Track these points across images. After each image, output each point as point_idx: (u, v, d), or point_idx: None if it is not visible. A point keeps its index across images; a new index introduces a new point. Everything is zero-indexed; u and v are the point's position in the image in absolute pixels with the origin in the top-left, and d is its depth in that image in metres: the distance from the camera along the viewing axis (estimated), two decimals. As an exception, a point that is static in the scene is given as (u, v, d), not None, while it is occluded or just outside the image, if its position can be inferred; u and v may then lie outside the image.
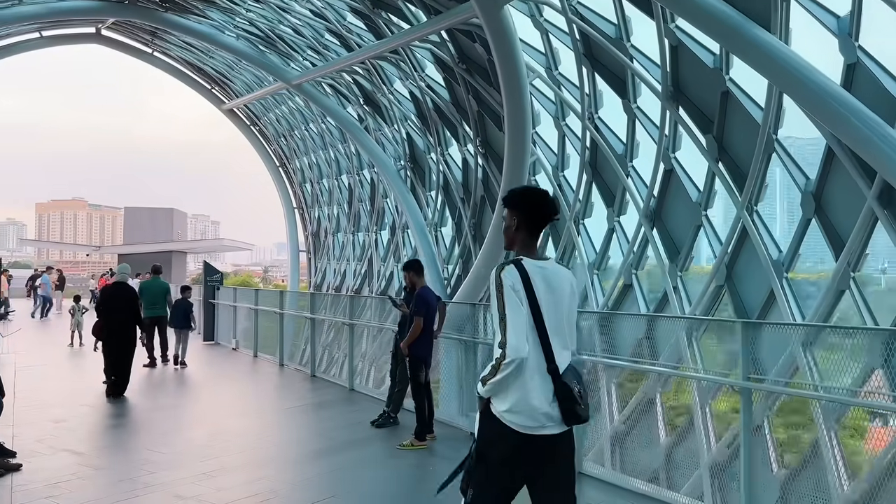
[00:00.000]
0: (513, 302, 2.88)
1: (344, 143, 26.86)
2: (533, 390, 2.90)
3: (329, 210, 30.53)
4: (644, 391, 12.25)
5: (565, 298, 3.01)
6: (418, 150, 21.83)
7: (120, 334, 10.06)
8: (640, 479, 6.86)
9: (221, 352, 16.36)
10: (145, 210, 71.57)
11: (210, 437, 7.94)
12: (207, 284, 18.39)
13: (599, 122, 13.93)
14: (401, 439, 7.60)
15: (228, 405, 10.44)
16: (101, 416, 9.47)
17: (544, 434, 2.91)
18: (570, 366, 2.99)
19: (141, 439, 7.99)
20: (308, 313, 13.84)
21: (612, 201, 14.10)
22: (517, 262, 2.98)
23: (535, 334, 2.91)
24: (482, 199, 18.68)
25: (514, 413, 2.90)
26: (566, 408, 2.91)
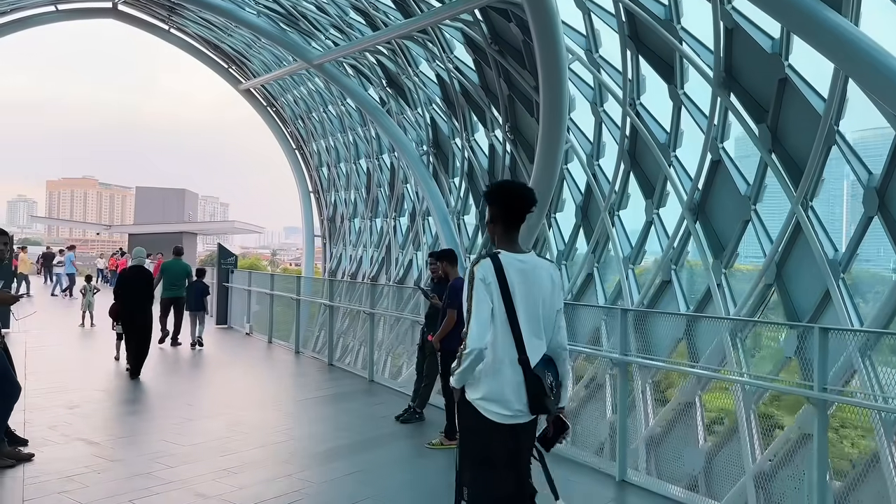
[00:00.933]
0: (479, 294, 2.95)
1: (364, 127, 26.30)
2: (505, 381, 2.98)
3: (346, 195, 30.03)
4: (683, 393, 11.72)
5: (543, 291, 3.05)
6: (442, 135, 21.23)
7: (138, 318, 10.09)
8: (678, 485, 6.46)
9: (235, 336, 15.96)
10: (156, 190, 71.25)
11: (228, 429, 7.54)
12: (221, 267, 17.96)
13: (641, 109, 13.30)
14: (428, 437, 7.24)
15: (246, 394, 10.04)
16: (116, 402, 9.08)
17: (515, 423, 3.00)
18: (545, 357, 3.05)
19: (157, 429, 7.58)
20: (326, 300, 13.39)
21: (651, 192, 13.49)
22: (493, 256, 3.03)
23: (508, 326, 2.97)
24: (509, 188, 18.06)
25: (487, 401, 2.99)
26: (534, 399, 2.98)
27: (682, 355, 10.82)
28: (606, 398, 13.78)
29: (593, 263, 14.92)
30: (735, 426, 10.64)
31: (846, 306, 9.84)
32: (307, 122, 31.22)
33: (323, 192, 32.21)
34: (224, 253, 18.50)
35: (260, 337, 15.35)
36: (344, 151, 29.24)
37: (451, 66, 18.23)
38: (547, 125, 13.51)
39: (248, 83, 31.67)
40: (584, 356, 13.63)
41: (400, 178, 24.66)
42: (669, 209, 13.13)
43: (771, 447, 9.93)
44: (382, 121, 21.83)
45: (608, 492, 6.01)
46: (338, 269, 29.94)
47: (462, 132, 19.50)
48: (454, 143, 20.65)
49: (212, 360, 12.85)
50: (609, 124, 14.33)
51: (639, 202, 13.85)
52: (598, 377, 13.77)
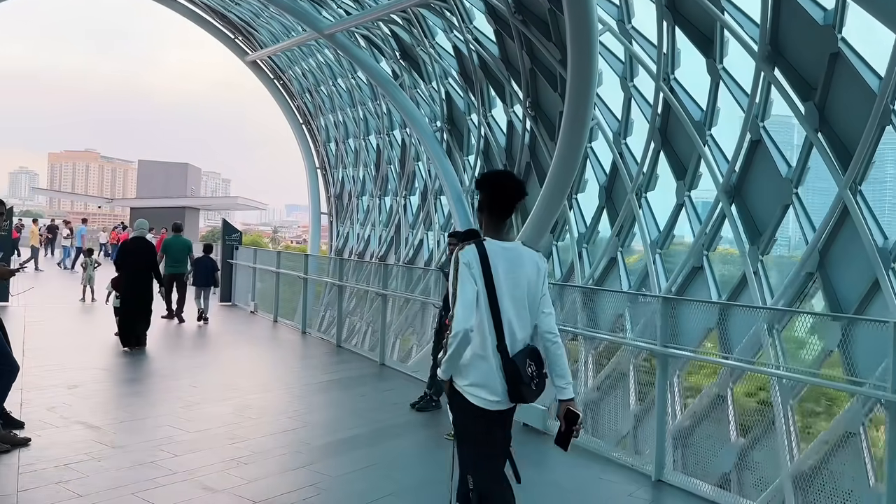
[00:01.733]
0: (464, 279, 3.00)
1: (374, 101, 25.61)
2: (489, 367, 3.04)
3: (354, 172, 29.41)
4: (714, 386, 11.21)
5: (528, 279, 3.09)
6: (457, 110, 20.56)
7: (139, 288, 10.13)
8: (707, 482, 6.15)
9: (239, 315, 15.59)
10: (159, 164, 70.48)
11: (236, 414, 7.14)
12: (226, 243, 17.57)
13: (675, 84, 12.64)
14: (446, 427, 6.80)
15: (253, 375, 9.64)
16: (118, 381, 8.69)
17: (499, 410, 3.08)
18: (530, 346, 3.10)
19: (161, 413, 7.16)
20: (335, 280, 12.94)
21: (682, 173, 12.87)
22: (478, 242, 3.07)
23: (489, 313, 3.02)
24: (527, 167, 17.46)
25: (475, 386, 3.06)
26: (512, 386, 3.03)
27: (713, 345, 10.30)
28: (630, 389, 13.33)
29: (617, 247, 14.33)
30: (772, 422, 10.13)
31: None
32: (315, 95, 30.51)
33: (330, 168, 31.59)
34: (228, 229, 18.11)
35: (265, 315, 15.00)
36: (353, 127, 28.57)
37: (471, 37, 17.51)
38: (573, 101, 12.84)
39: (255, 54, 30.93)
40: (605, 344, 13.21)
41: (411, 156, 24.02)
42: (702, 191, 12.52)
43: (812, 446, 9.42)
44: (395, 95, 21.14)
45: (644, 493, 5.64)
46: (344, 248, 29.41)
47: (479, 108, 18.83)
48: (470, 120, 19.99)
49: (217, 338, 12.51)
50: (639, 100, 13.68)
51: (668, 183, 13.24)
52: (620, 366, 13.34)
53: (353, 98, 27.33)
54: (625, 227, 14.19)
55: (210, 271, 13.58)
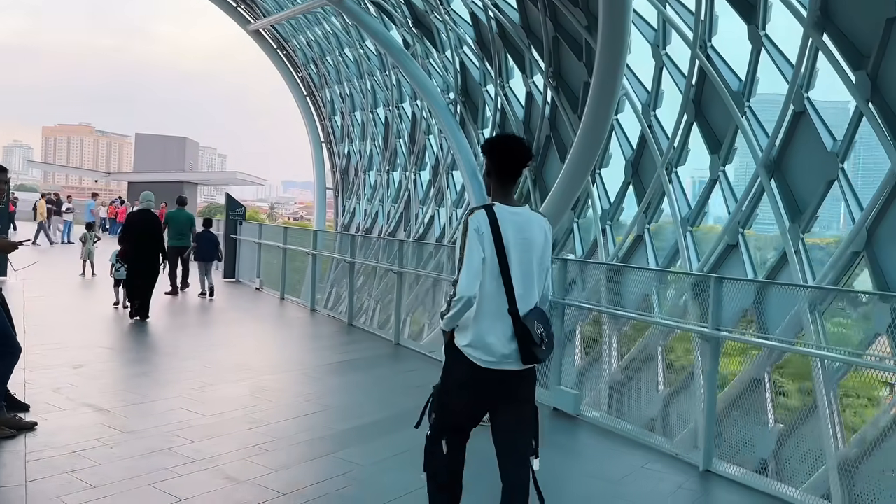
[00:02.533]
0: (472, 244, 3.02)
1: (384, 72, 24.94)
2: (491, 329, 3.08)
3: (361, 146, 28.80)
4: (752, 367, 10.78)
5: (536, 244, 3.14)
6: (472, 81, 19.93)
7: (146, 261, 10.23)
8: (745, 468, 5.75)
9: (245, 291, 15.15)
10: (157, 137, 69.99)
11: (252, 396, 6.73)
12: (229, 218, 17.08)
13: (712, 52, 12.05)
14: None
15: (265, 355, 9.26)
16: (125, 361, 8.27)
17: (503, 369, 3.11)
18: (536, 308, 3.16)
19: (173, 394, 6.74)
20: (346, 256, 12.48)
21: (717, 147, 12.33)
22: (488, 207, 3.10)
23: (500, 277, 3.06)
24: (547, 140, 16.90)
25: (473, 348, 3.11)
26: (524, 348, 3.08)
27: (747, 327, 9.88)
28: (658, 371, 12.92)
29: (644, 224, 13.84)
30: (813, 406, 9.73)
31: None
32: (320, 66, 29.80)
33: (336, 142, 30.97)
34: (232, 203, 17.60)
35: (270, 293, 14.63)
36: (360, 99, 27.91)
37: (490, 3, 16.84)
38: (602, 70, 12.27)
39: (258, 23, 30.19)
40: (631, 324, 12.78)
41: (422, 129, 23.41)
42: (738, 166, 12.00)
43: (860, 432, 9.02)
44: (407, 65, 20.46)
45: (693, 484, 5.25)
46: (351, 224, 28.91)
47: (496, 78, 18.21)
48: (485, 91, 19.37)
49: (224, 316, 12.16)
50: (671, 69, 13.09)
51: (700, 157, 12.72)
52: (648, 347, 12.92)
53: (360, 69, 26.65)
54: (653, 204, 13.67)
55: (213, 245, 13.52)
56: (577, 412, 6.35)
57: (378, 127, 26.96)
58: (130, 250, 10.36)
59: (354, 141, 29.41)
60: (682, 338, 12.59)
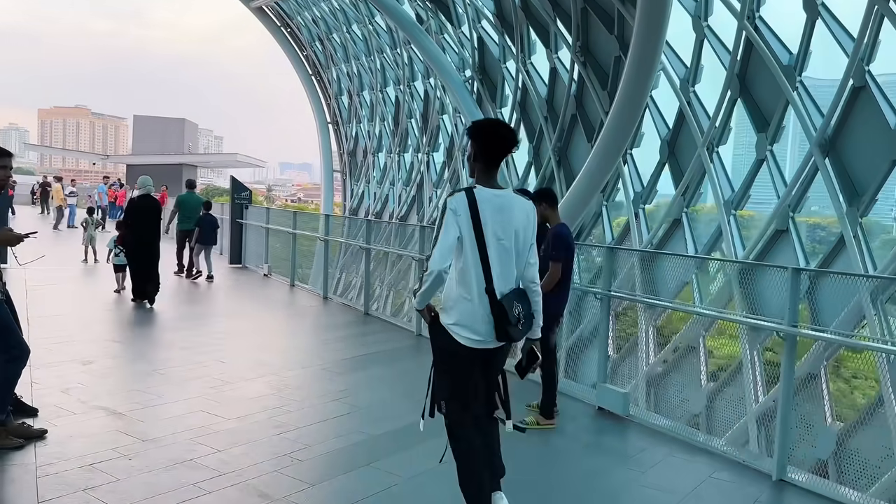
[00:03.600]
0: (448, 224, 3.16)
1: (394, 49, 24.14)
2: (474, 309, 3.23)
3: (370, 126, 28.03)
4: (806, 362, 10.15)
5: (517, 226, 3.24)
6: (490, 57, 19.16)
7: (147, 245, 10.23)
8: (803, 469, 5.26)
9: (252, 278, 14.54)
10: (155, 119, 68.80)
11: (275, 396, 6.18)
12: (235, 202, 16.41)
13: (760, 23, 11.31)
14: (520, 412, 5.97)
15: (284, 350, 8.67)
16: (135, 356, 7.67)
17: (485, 348, 3.29)
18: (517, 288, 3.29)
19: (190, 395, 6.17)
20: (362, 243, 11.83)
21: (764, 125, 11.62)
22: (468, 190, 3.23)
23: (478, 257, 3.19)
24: (573, 119, 16.18)
25: (459, 326, 3.26)
26: (499, 326, 3.22)
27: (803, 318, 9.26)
28: (701, 365, 12.29)
29: (682, 208, 13.16)
30: (878, 402, 9.12)
31: None
32: (326, 44, 28.95)
33: (343, 123, 30.17)
34: (237, 187, 16.91)
35: (279, 279, 14.06)
36: (368, 78, 27.11)
37: (512, -26, 16.06)
38: (641, 43, 11.52)
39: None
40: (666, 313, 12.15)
41: (435, 109, 22.66)
42: (786, 145, 11.31)
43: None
44: (421, 40, 19.68)
45: (768, 497, 4.69)
46: (359, 208, 28.22)
47: (518, 54, 17.43)
48: (505, 68, 18.61)
49: (234, 305, 11.65)
50: (714, 42, 12.35)
51: (745, 136, 12.01)
52: (688, 339, 12.31)
53: (369, 46, 25.83)
54: (692, 186, 12.98)
55: (214, 228, 13.46)
56: (626, 412, 5.88)
57: (388, 107, 26.19)
58: (131, 237, 10.34)
59: (363, 122, 28.64)
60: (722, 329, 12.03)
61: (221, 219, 17.03)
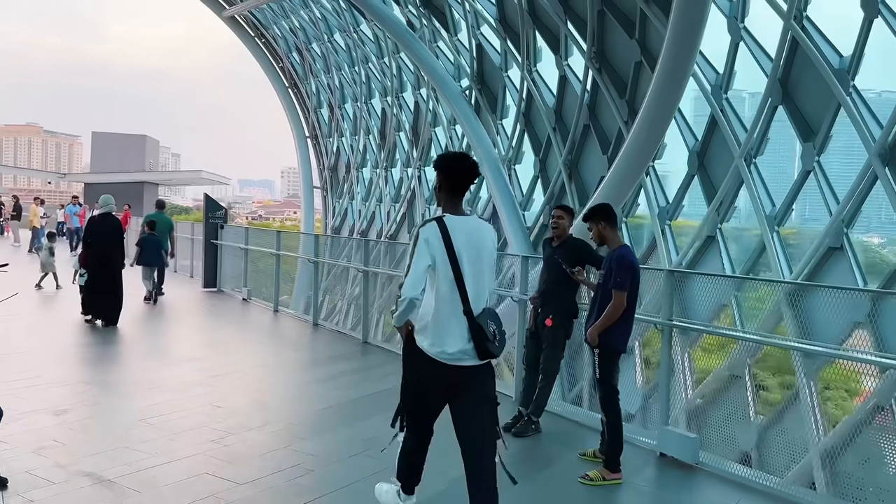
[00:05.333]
0: (421, 252, 3.40)
1: (381, 59, 23.17)
2: (449, 329, 3.44)
3: (352, 140, 26.93)
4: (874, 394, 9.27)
5: (486, 250, 3.52)
6: (490, 65, 18.31)
7: (108, 264, 10.16)
8: None
9: (231, 303, 13.58)
10: (115, 136, 67.06)
11: (290, 451, 5.30)
12: (209, 222, 15.30)
13: (807, 23, 10.60)
14: (551, 455, 5.68)
15: (283, 390, 7.77)
16: (116, 402, 6.63)
17: (461, 365, 3.47)
18: (488, 308, 3.54)
19: (190, 450, 5.25)
20: (359, 264, 10.83)
21: (810, 134, 10.88)
22: (438, 219, 3.47)
23: (454, 282, 3.42)
24: (585, 130, 15.35)
25: (434, 346, 3.46)
26: (479, 344, 3.43)
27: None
28: (748, 396, 11.43)
29: (716, 224, 12.34)
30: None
31: None
32: (305, 55, 27.87)
33: (323, 137, 29.02)
34: (211, 205, 15.78)
35: (260, 304, 13.27)
36: (352, 89, 26.07)
37: (519, -25, 15.24)
38: (675, 46, 10.70)
39: (234, 8, 28.16)
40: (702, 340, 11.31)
41: (427, 121, 21.68)
42: (835, 156, 10.57)
43: None
44: (414, 48, 18.71)
45: None
46: (342, 226, 27.03)
47: (523, 61, 16.58)
48: (507, 76, 17.74)
49: (218, 335, 10.74)
50: (751, 45, 11.61)
51: (785, 146, 11.27)
52: (733, 367, 11.48)
53: (353, 56, 24.85)
54: (726, 201, 12.18)
55: (157, 249, 13.11)
56: (695, 460, 5.22)
57: (374, 119, 25.17)
58: (92, 257, 10.19)
59: (345, 135, 27.54)
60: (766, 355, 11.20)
61: (192, 239, 17.11)
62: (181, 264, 18.79)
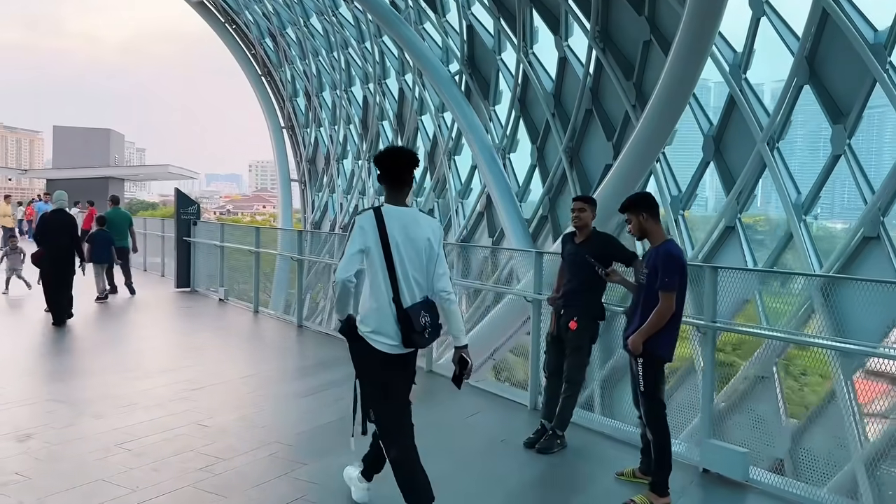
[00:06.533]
0: (355, 238, 3.52)
1: (361, 44, 22.19)
2: (386, 317, 3.55)
3: (331, 130, 25.92)
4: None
5: (423, 240, 3.59)
6: (482, 48, 17.46)
7: (61, 262, 10.07)
8: None
9: (207, 304, 12.87)
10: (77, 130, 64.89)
11: (295, 481, 4.66)
12: (181, 218, 14.49)
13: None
14: (580, 472, 5.27)
15: (276, 401, 7.04)
16: (87, 423, 5.71)
17: (395, 354, 3.61)
18: (425, 299, 3.61)
19: (178, 483, 4.55)
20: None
21: (838, 115, 10.20)
22: (376, 209, 3.59)
23: (385, 270, 3.52)
24: (587, 115, 14.59)
25: (375, 333, 3.57)
26: (405, 334, 3.55)
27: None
28: (777, 396, 10.87)
29: (735, 213, 11.64)
30: None
31: None
32: (280, 40, 26.78)
33: (300, 127, 27.94)
34: (183, 201, 14.97)
35: (238, 304, 12.66)
36: (330, 77, 25.03)
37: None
38: (694, 21, 9.98)
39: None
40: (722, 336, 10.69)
41: (413, 108, 20.76)
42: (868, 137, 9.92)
43: None
44: (401, 31, 17.78)
45: None
46: (323, 220, 26.03)
47: (519, 43, 15.74)
48: (500, 59, 16.91)
49: (194, 340, 10.02)
50: (774, 20, 10.91)
51: (811, 128, 10.60)
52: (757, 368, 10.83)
53: (331, 41, 23.82)
54: (746, 189, 11.48)
55: (108, 245, 12.83)
56: (745, 477, 4.80)
57: (355, 108, 24.17)
58: (45, 255, 10.08)
59: (323, 125, 26.50)
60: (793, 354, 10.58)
61: (163, 236, 16.85)
62: (151, 262, 17.99)
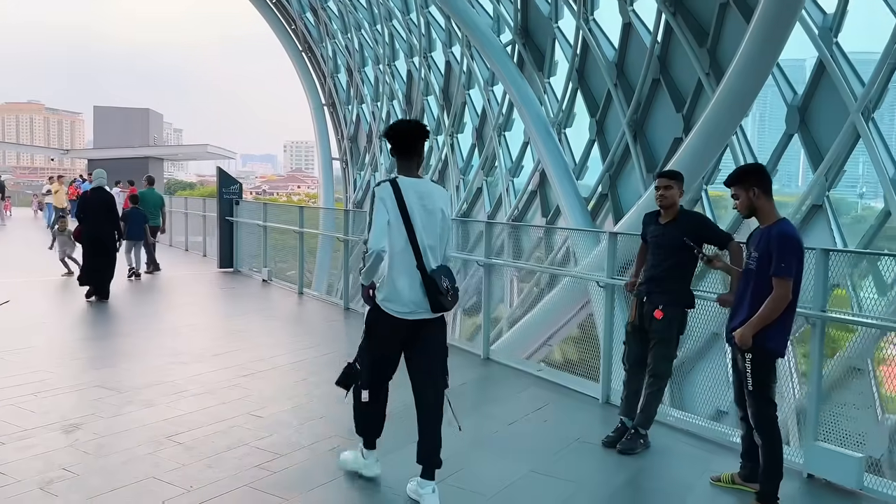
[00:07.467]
0: (379, 209, 3.62)
1: (406, 15, 21.49)
2: (403, 284, 3.67)
3: (374, 107, 25.34)
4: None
5: (437, 210, 3.73)
6: (537, 16, 16.63)
7: (100, 239, 10.22)
8: None
9: (251, 285, 12.68)
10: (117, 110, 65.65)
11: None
12: (224, 198, 14.20)
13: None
14: (672, 474, 4.74)
15: (339, 391, 6.57)
16: (137, 410, 5.36)
17: (415, 319, 3.72)
18: (442, 265, 3.77)
19: (238, 481, 4.12)
20: None
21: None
22: (392, 181, 3.70)
23: (407, 238, 3.64)
24: (654, 85, 13.72)
25: (389, 300, 3.69)
26: (432, 298, 3.68)
27: None
28: (873, 391, 10.07)
29: (824, 191, 10.74)
30: None
31: None
32: (321, 14, 26.21)
33: (341, 104, 27.43)
34: (226, 179, 14.64)
35: (283, 285, 12.40)
36: (372, 51, 24.40)
37: None
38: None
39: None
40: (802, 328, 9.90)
41: (461, 83, 20.04)
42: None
43: None
44: (450, 0, 17.02)
45: None
46: (364, 199, 25.51)
47: (579, 9, 14.88)
48: (557, 28, 16.06)
49: (242, 322, 9.54)
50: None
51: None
52: (851, 359, 10.05)
53: (374, 14, 23.15)
54: (836, 163, 10.56)
55: (142, 222, 13.13)
56: (858, 485, 4.31)
57: (398, 83, 23.54)
58: (85, 233, 10.28)
59: (366, 101, 25.93)
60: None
61: (205, 216, 16.86)
62: (193, 241, 17.87)
